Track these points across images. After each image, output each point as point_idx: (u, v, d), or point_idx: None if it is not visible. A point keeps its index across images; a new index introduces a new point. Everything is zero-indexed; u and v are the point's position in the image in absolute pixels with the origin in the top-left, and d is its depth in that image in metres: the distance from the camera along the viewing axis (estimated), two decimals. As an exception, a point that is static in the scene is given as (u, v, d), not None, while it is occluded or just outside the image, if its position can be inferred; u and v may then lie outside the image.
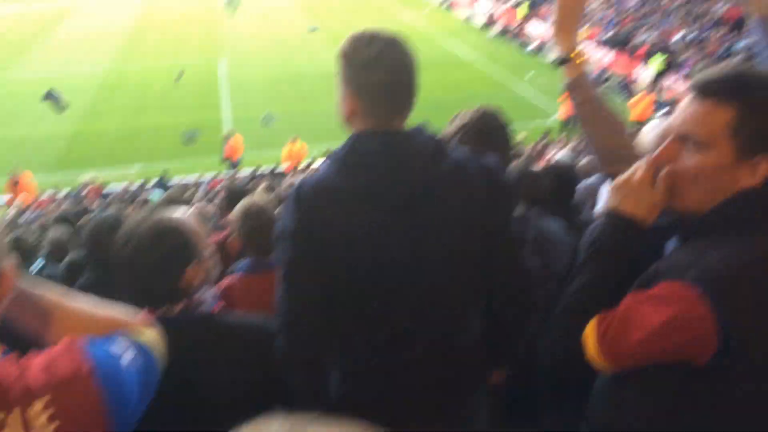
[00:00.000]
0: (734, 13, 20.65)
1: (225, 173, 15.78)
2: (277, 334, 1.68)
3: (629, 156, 1.72)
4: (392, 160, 1.59)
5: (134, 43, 30.44)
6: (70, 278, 3.87)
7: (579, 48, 1.84)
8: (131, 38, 31.23)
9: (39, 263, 4.02)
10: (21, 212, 11.27)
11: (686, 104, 1.35)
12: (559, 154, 7.58)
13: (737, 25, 19.68)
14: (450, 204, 1.62)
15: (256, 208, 2.93)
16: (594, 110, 1.80)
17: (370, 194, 1.58)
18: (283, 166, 15.99)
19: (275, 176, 14.16)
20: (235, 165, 16.84)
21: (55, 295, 1.24)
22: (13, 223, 8.55)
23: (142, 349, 1.21)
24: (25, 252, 3.81)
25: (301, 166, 15.81)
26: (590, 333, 1.33)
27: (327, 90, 15.32)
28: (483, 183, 1.65)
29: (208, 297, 1.83)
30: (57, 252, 4.14)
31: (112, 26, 33.75)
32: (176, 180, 15.05)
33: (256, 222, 2.87)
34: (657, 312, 1.24)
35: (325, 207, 1.59)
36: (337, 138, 1.69)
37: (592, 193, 4.03)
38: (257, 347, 1.75)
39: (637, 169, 1.43)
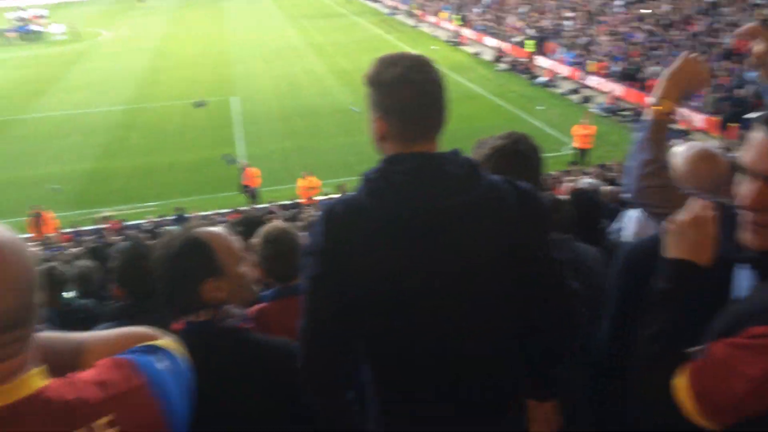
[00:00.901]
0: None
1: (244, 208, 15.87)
2: (299, 352, 1.68)
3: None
4: (425, 183, 1.57)
5: (148, 83, 31.06)
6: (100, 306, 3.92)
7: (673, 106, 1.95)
8: (145, 79, 31.88)
9: (71, 294, 4.11)
10: (44, 248, 11.38)
11: (764, 144, 1.28)
12: (582, 181, 7.58)
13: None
14: (484, 226, 1.59)
15: (276, 233, 2.83)
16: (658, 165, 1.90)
17: (401, 216, 1.56)
18: (298, 201, 16.08)
19: (290, 209, 14.24)
20: (253, 194, 17.03)
21: (72, 333, 1.30)
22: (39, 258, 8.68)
23: (168, 355, 1.26)
24: (57, 282, 3.88)
25: (316, 199, 15.92)
26: (685, 391, 1.24)
27: (339, 125, 15.69)
28: (517, 205, 1.62)
29: (237, 313, 1.84)
30: (84, 284, 4.22)
31: (126, 68, 34.51)
32: (193, 216, 15.15)
33: (279, 247, 2.76)
34: (759, 362, 1.16)
35: (355, 227, 1.58)
36: (350, 173, 1.71)
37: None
38: (281, 364, 1.77)
39: (701, 216, 1.39)
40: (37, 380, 1.07)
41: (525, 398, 1.83)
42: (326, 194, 16.27)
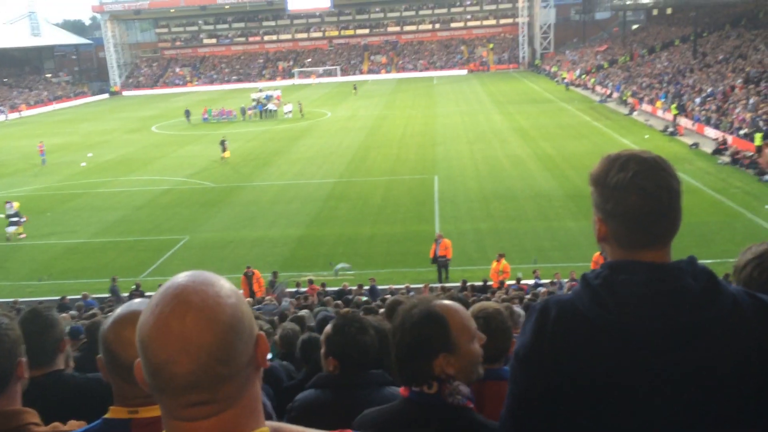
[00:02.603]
0: None
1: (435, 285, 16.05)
2: None
3: None
4: (658, 297, 1.43)
5: (358, 159, 33.37)
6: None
7: None
8: (356, 155, 34.31)
9: (270, 355, 4.40)
10: (251, 305, 12.47)
11: None
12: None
13: None
14: (723, 350, 1.42)
15: (489, 312, 2.82)
16: None
17: (626, 330, 1.43)
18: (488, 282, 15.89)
19: (480, 291, 14.10)
20: (446, 265, 17.24)
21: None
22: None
23: None
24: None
25: (507, 284, 15.63)
26: None
27: (537, 210, 15.41)
28: (759, 323, 1.43)
29: (464, 391, 1.85)
30: (286, 346, 4.48)
31: (341, 145, 37.50)
32: (385, 287, 15.65)
33: (487, 327, 2.69)
34: None
35: (571, 334, 1.47)
36: (544, 259, 1.60)
37: None
38: None
39: None
40: None
41: None
42: (518, 279, 15.94)
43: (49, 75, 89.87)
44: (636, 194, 1.48)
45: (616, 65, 60.80)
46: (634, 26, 76.02)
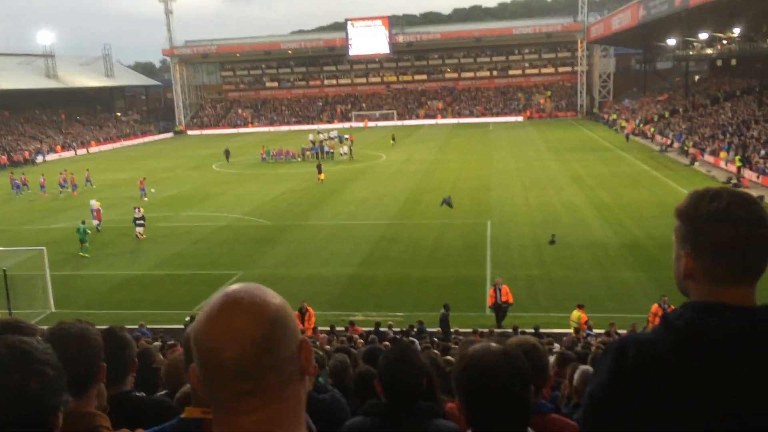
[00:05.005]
0: None
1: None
2: None
3: None
4: (751, 348, 1.36)
5: (411, 202, 33.60)
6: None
7: None
8: (409, 198, 34.57)
9: (322, 379, 4.65)
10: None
11: None
12: None
13: None
14: None
15: (528, 346, 2.74)
16: None
17: (715, 381, 1.35)
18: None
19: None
20: (506, 311, 17.02)
21: None
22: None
23: None
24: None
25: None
26: None
27: (592, 259, 15.07)
28: None
29: None
30: (335, 377, 5.08)
31: (394, 187, 37.90)
32: (433, 330, 15.53)
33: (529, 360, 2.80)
34: None
35: (650, 376, 1.39)
36: (598, 309, 1.55)
37: None
38: None
39: None
40: None
41: None
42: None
43: (119, 114, 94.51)
44: (730, 224, 1.44)
45: (677, 115, 59.78)
46: (697, 77, 74.87)
